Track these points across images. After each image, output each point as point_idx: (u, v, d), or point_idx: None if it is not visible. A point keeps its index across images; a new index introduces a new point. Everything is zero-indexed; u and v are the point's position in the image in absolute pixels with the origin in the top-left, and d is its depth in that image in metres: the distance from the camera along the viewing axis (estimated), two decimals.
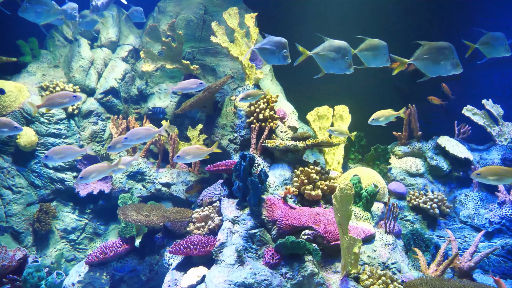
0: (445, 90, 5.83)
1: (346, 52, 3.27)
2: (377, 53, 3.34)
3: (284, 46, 3.45)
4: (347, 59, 3.27)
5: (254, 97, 4.28)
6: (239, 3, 6.31)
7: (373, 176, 4.58)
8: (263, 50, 3.45)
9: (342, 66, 3.30)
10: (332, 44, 3.29)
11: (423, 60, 3.11)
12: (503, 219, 4.79)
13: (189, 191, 5.21)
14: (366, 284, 3.27)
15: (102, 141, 5.86)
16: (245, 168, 3.73)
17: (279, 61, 3.49)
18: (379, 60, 3.37)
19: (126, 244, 4.12)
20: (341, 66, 3.31)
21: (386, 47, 3.34)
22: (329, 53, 3.27)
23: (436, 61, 3.08)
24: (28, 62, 5.79)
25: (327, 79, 3.79)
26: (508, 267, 4.52)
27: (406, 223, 4.94)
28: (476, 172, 3.25)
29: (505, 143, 5.67)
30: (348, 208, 3.14)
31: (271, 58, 3.46)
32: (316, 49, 3.36)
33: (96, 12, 4.91)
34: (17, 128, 3.61)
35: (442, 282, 3.07)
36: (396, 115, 4.20)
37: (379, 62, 3.38)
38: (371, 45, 3.36)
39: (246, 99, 4.25)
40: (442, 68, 3.10)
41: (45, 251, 5.02)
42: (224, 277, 3.23)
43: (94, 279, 4.01)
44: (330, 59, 3.29)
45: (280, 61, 3.48)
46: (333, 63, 3.30)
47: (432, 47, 3.08)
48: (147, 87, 6.37)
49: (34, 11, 4.02)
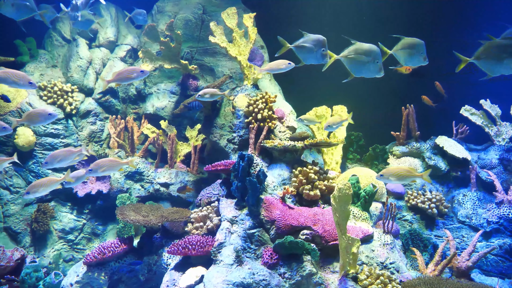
0: (438, 89, 5.82)
1: (376, 55, 3.19)
2: (414, 52, 3.23)
3: (322, 44, 3.33)
4: (377, 62, 3.19)
5: (213, 96, 4.25)
6: (238, 3, 6.31)
7: (372, 176, 4.58)
8: (301, 48, 3.33)
9: (372, 69, 3.22)
10: (362, 47, 3.21)
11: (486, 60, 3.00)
12: (501, 218, 4.81)
13: (181, 191, 5.22)
14: (364, 284, 3.27)
15: (100, 141, 5.85)
16: (244, 168, 3.72)
17: (317, 60, 3.37)
18: (416, 59, 3.26)
19: (124, 244, 4.11)
20: (372, 70, 3.23)
21: (423, 45, 3.23)
22: (359, 56, 3.20)
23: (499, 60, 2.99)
24: (26, 62, 5.77)
25: (325, 79, 3.80)
26: (506, 266, 4.53)
27: (404, 223, 4.95)
28: (379, 173, 3.33)
29: (503, 143, 5.69)
30: (346, 208, 3.15)
31: (309, 57, 3.35)
32: (344, 52, 3.27)
33: (75, 11, 4.83)
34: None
35: (440, 282, 3.08)
36: (344, 120, 4.27)
37: (416, 61, 3.27)
38: (407, 44, 3.25)
39: (203, 97, 4.20)
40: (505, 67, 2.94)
41: (43, 252, 5.01)
42: (223, 277, 3.23)
43: (92, 279, 4.01)
44: (360, 63, 3.21)
45: (318, 60, 3.37)
46: (363, 67, 3.23)
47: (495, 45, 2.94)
48: (146, 87, 6.36)
49: (11, 6, 3.84)
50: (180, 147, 5.95)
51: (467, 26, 6.03)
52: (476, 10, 6.12)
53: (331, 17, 6.32)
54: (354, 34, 3.40)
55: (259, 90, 5.30)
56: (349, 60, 3.24)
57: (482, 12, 6.08)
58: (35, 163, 5.24)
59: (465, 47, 3.69)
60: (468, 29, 6.02)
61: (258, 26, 5.54)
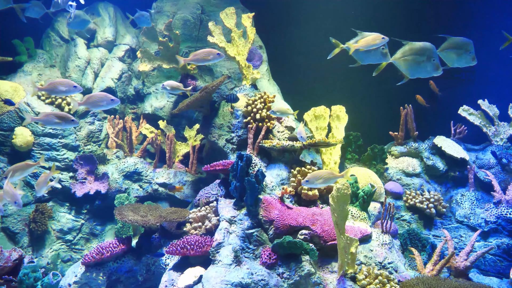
0: (432, 88, 5.82)
1: (431, 53, 3.04)
2: (462, 52, 3.09)
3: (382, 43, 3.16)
4: (433, 60, 3.04)
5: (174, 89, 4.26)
6: (236, 3, 6.31)
7: (370, 176, 4.59)
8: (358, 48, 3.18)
9: (428, 68, 3.08)
10: (414, 46, 3.06)
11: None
12: (499, 218, 4.82)
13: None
14: (362, 283, 3.28)
15: (98, 141, 5.84)
16: (242, 168, 3.72)
17: (376, 60, 3.22)
18: (464, 59, 3.12)
19: (123, 245, 4.11)
20: (428, 69, 3.08)
21: (472, 45, 3.09)
22: (413, 57, 3.05)
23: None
24: (24, 62, 5.75)
25: (324, 79, 3.79)
26: (504, 266, 4.55)
27: (402, 223, 4.96)
28: (305, 179, 3.36)
29: (501, 143, 5.71)
30: (345, 208, 3.15)
31: (367, 56, 3.21)
32: (397, 54, 3.13)
33: (56, 8, 4.77)
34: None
35: (438, 282, 3.08)
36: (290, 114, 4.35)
37: (464, 61, 3.13)
38: (454, 43, 3.11)
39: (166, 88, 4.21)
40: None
41: (41, 252, 5.00)
42: (221, 277, 3.23)
43: (90, 280, 4.00)
44: (414, 63, 3.06)
45: (377, 60, 3.21)
46: (418, 67, 3.08)
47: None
48: (144, 87, 6.36)
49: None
50: (179, 147, 5.95)
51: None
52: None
53: (330, 16, 6.32)
54: (353, 32, 3.37)
55: (258, 90, 5.30)
56: (404, 62, 3.10)
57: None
58: None
59: None
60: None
61: (256, 26, 5.54)
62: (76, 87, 3.73)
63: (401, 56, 3.12)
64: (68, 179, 5.35)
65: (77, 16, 4.93)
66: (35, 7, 4.73)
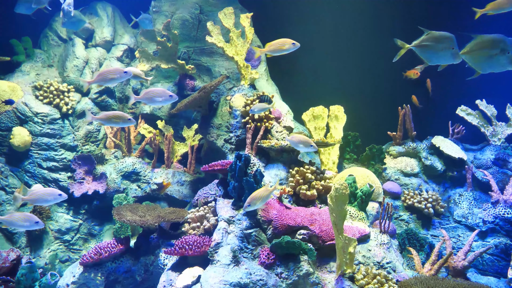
0: (427, 86, 5.83)
1: (505, 46, 2.77)
2: (496, 52, 2.83)
3: (451, 42, 2.93)
4: (508, 53, 2.76)
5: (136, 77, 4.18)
6: (235, 3, 6.30)
7: (368, 176, 4.60)
8: (424, 48, 2.99)
9: (503, 62, 2.81)
10: (485, 39, 2.81)
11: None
12: (497, 218, 4.83)
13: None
14: (361, 283, 3.28)
15: (97, 141, 5.83)
16: (241, 168, 3.72)
17: (445, 60, 3.01)
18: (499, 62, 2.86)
19: (121, 245, 4.10)
20: (502, 63, 2.82)
21: (508, 41, 2.83)
22: (484, 50, 2.80)
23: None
24: (22, 62, 5.74)
25: (322, 79, 3.78)
26: (502, 266, 4.56)
27: (401, 223, 4.96)
28: (246, 204, 3.30)
29: (499, 143, 5.72)
30: (343, 208, 3.15)
31: (435, 56, 2.98)
32: (464, 48, 2.90)
33: (38, 4, 4.66)
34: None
35: (437, 281, 3.09)
36: (269, 107, 4.36)
37: (499, 64, 2.88)
38: (486, 42, 2.86)
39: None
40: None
41: (39, 252, 4.99)
42: (220, 277, 3.23)
43: (88, 280, 3.99)
44: (486, 57, 2.81)
45: (446, 60, 2.99)
46: (491, 61, 2.82)
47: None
48: (142, 87, 6.35)
49: None
50: (177, 147, 5.94)
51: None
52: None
53: (329, 16, 6.33)
54: (351, 33, 3.37)
55: (256, 90, 5.30)
56: (472, 57, 2.86)
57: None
58: (31, 163, 5.21)
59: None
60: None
61: (255, 26, 5.54)
62: (126, 73, 3.70)
63: (471, 50, 2.87)
64: (66, 179, 5.34)
65: (72, 16, 4.88)
66: (26, 3, 4.64)
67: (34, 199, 3.52)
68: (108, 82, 3.71)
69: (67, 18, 4.78)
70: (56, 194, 3.51)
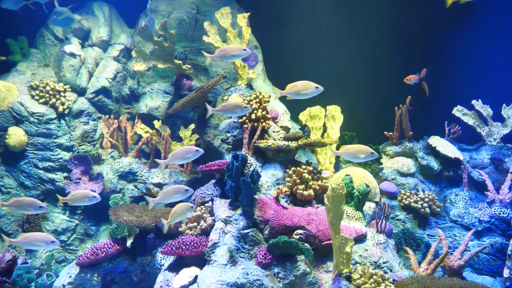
0: (424, 88, 5.85)
1: None
2: None
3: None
4: None
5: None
6: (232, 3, 6.30)
7: (365, 176, 4.61)
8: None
9: None
10: None
11: None
12: (492, 218, 4.86)
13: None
14: (357, 283, 3.29)
15: (93, 141, 5.80)
16: (238, 168, 3.72)
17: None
18: None
19: (118, 245, 4.09)
20: None
21: None
22: None
23: None
24: (18, 61, 5.71)
25: (319, 80, 3.77)
26: (497, 265, 4.58)
27: (397, 223, 4.98)
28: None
29: (494, 143, 5.75)
30: (340, 207, 3.16)
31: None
32: None
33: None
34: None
35: (433, 281, 3.10)
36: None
37: None
38: None
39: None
40: None
41: (35, 253, 4.96)
42: (217, 277, 3.23)
43: (85, 281, 3.97)
44: None
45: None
46: None
47: None
48: (139, 87, 6.33)
49: None
50: (174, 147, 5.93)
51: None
52: None
53: (326, 16, 6.33)
54: (348, 33, 3.36)
55: (253, 90, 5.30)
56: None
57: None
58: (27, 163, 5.18)
59: None
60: None
61: (252, 26, 5.54)
62: (245, 49, 3.73)
63: None
64: (62, 179, 5.32)
65: (61, 13, 4.80)
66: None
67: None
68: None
69: (56, 15, 4.69)
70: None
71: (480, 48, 6.07)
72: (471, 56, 6.08)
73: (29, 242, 3.36)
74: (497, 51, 6.07)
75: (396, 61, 6.05)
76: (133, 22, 6.76)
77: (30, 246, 3.41)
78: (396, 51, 6.07)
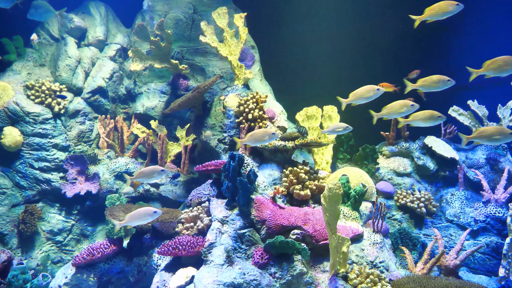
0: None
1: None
2: None
3: None
4: None
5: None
6: (229, 3, 6.30)
7: (361, 176, 4.61)
8: None
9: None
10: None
11: None
12: (488, 217, 4.88)
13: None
14: (354, 283, 3.30)
15: (89, 141, 5.78)
16: (234, 168, 3.72)
17: None
18: None
19: (114, 245, 4.08)
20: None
21: None
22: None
23: None
24: (13, 61, 5.68)
25: (316, 80, 3.78)
26: (493, 264, 4.61)
27: (393, 222, 4.99)
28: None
29: None
30: (336, 207, 3.16)
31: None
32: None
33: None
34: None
35: (429, 280, 3.11)
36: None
37: None
38: None
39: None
40: None
41: (31, 253, 4.94)
42: (213, 277, 3.22)
43: (81, 281, 3.96)
44: None
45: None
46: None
47: None
48: (136, 87, 6.31)
49: None
50: (171, 147, 5.92)
51: None
52: None
53: (322, 17, 6.35)
54: (345, 33, 3.37)
55: (250, 90, 5.30)
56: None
57: None
58: (22, 164, 5.16)
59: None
60: None
61: (249, 26, 5.54)
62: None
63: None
64: (58, 179, 5.29)
65: (39, 6, 4.72)
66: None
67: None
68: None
69: (34, 8, 4.61)
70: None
71: (478, 48, 6.10)
72: (473, 56, 6.11)
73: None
74: (493, 49, 6.10)
75: (394, 62, 6.07)
76: (130, 22, 6.74)
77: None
78: (393, 51, 6.09)
